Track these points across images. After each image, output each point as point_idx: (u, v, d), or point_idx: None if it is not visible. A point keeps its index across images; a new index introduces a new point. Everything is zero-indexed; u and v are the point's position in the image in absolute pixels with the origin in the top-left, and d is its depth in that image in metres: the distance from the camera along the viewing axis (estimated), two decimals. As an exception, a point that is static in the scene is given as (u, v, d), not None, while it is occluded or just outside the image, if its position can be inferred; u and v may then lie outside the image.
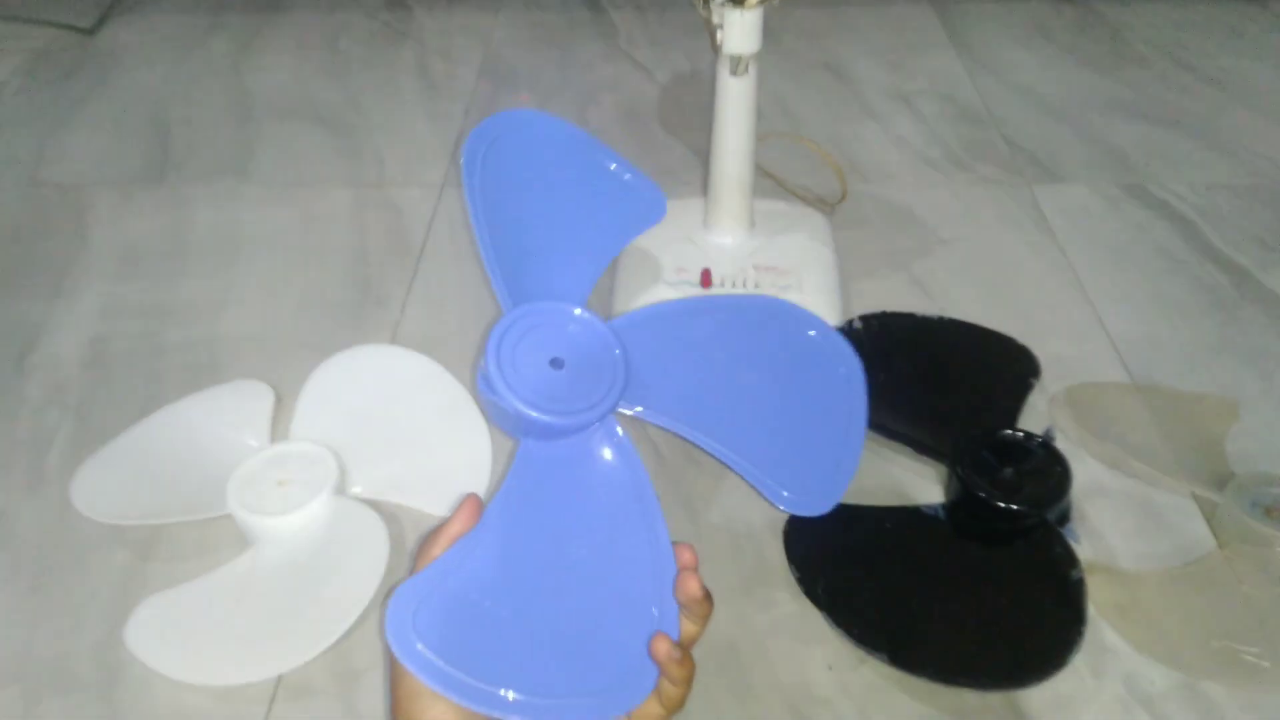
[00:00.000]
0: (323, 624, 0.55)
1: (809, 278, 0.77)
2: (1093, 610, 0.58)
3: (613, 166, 0.56)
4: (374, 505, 0.63)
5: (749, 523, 0.64)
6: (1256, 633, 0.56)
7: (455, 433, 0.68)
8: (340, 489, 0.63)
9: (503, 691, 0.40)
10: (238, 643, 0.56)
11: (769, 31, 0.69)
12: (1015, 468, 0.62)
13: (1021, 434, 0.63)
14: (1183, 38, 1.18)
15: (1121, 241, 0.87)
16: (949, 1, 1.26)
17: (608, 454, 0.48)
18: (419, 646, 0.40)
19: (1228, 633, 0.56)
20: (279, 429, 0.68)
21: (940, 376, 0.72)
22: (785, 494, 0.52)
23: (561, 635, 0.43)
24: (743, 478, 0.51)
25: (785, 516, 0.62)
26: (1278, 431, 0.69)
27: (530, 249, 0.51)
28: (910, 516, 0.63)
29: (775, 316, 0.56)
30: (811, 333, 0.56)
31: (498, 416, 0.48)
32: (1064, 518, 0.62)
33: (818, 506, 0.52)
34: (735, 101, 0.73)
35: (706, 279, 0.76)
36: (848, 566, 0.60)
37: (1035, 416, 0.70)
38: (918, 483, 0.66)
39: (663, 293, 0.76)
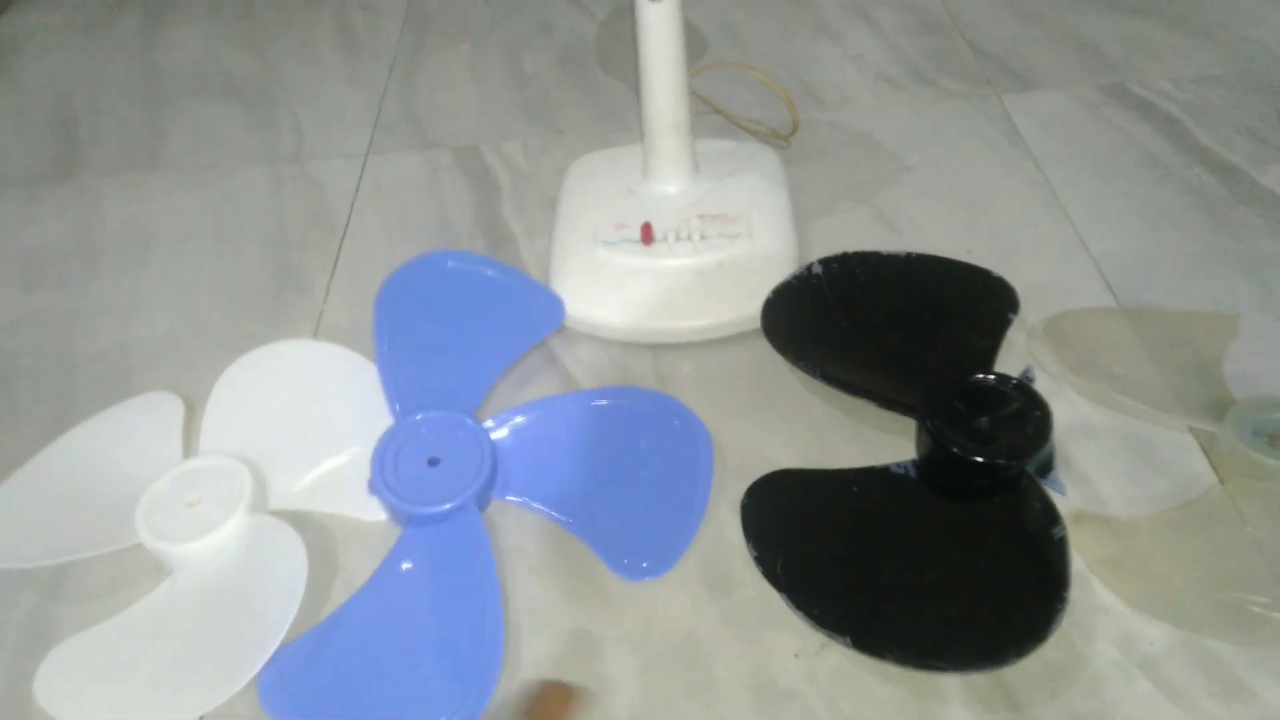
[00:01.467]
0: (241, 656, 0.51)
1: (760, 222, 0.71)
2: (1083, 567, 0.53)
3: (514, 284, 0.70)
4: (302, 517, 0.58)
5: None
6: (1264, 579, 0.51)
7: (384, 428, 0.62)
8: (258, 503, 0.58)
9: None
10: (153, 685, 0.51)
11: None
12: (990, 415, 0.56)
13: (994, 378, 0.57)
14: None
15: (1102, 150, 0.80)
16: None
17: (467, 542, 0.55)
18: (287, 703, 0.49)
19: (1232, 581, 0.51)
20: (194, 442, 0.62)
21: (910, 320, 0.65)
22: (625, 561, 0.55)
23: (403, 689, 0.50)
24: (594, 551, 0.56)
25: (742, 492, 0.57)
26: (1280, 346, 0.63)
27: (432, 364, 0.63)
28: (878, 478, 0.57)
29: (638, 400, 0.63)
30: (675, 422, 0.61)
31: (387, 511, 0.58)
32: (1047, 467, 0.56)
33: (659, 570, 0.55)
34: (658, 33, 0.66)
35: (647, 234, 0.70)
36: (810, 539, 0.55)
37: (1015, 354, 0.64)
38: (890, 440, 0.61)
39: (601, 255, 0.70)
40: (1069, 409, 0.61)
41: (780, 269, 0.69)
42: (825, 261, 0.69)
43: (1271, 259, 0.69)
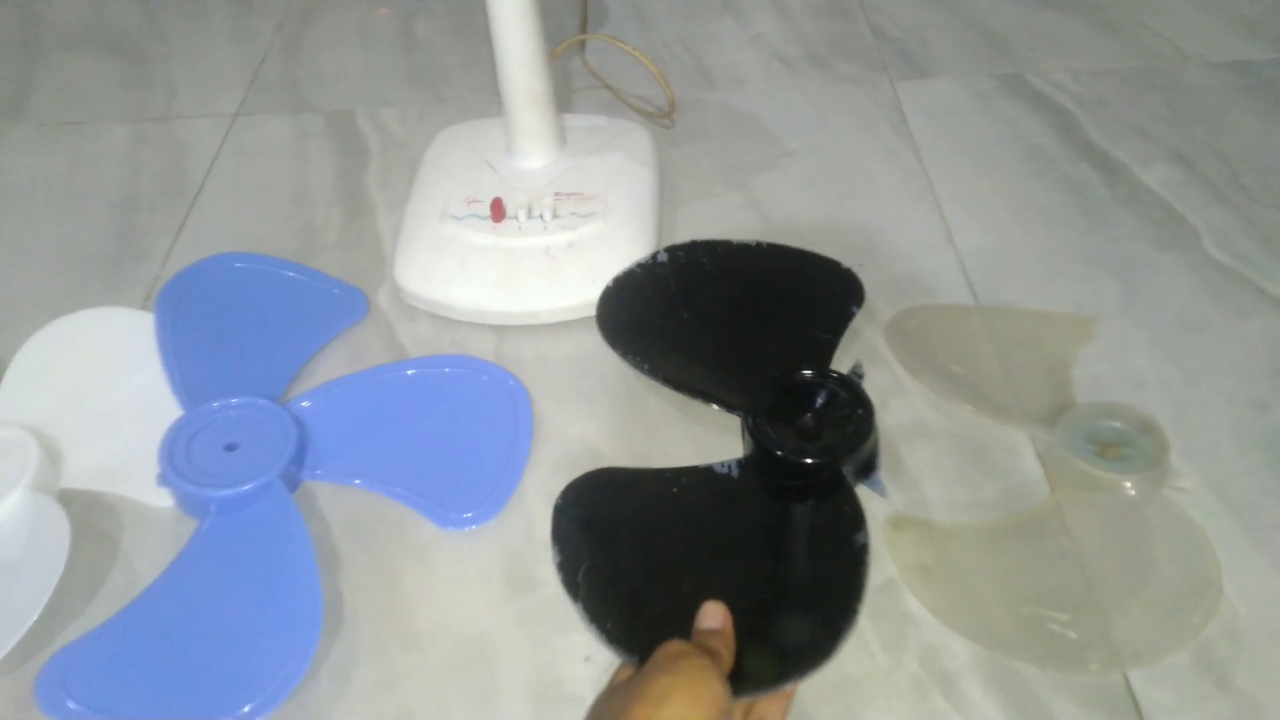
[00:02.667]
0: (-9, 642, 0.48)
1: (618, 203, 0.68)
2: (895, 573, 0.51)
3: (309, 280, 0.68)
4: (94, 497, 0.55)
5: (521, 492, 0.56)
6: (1075, 595, 0.49)
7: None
8: (46, 480, 0.55)
9: None
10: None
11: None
12: (814, 414, 0.54)
13: (819, 374, 0.55)
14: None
15: (987, 141, 0.77)
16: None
17: (276, 521, 0.53)
18: (70, 705, 0.46)
19: (1039, 597, 0.49)
20: None
21: (753, 312, 0.63)
22: (451, 515, 0.55)
23: (210, 678, 0.47)
24: (417, 511, 0.55)
25: (563, 485, 0.54)
26: (1136, 352, 0.61)
27: (225, 357, 0.61)
28: (701, 478, 0.55)
29: (452, 367, 0.63)
30: (486, 380, 0.62)
31: (179, 502, 0.55)
32: (869, 467, 0.54)
33: (483, 518, 0.55)
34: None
35: (498, 210, 0.67)
36: (621, 543, 0.52)
37: (862, 350, 0.62)
38: (724, 439, 0.58)
39: (448, 229, 0.66)
40: (907, 408, 0.58)
41: (633, 253, 0.66)
42: (672, 250, 0.66)
43: (1140, 261, 0.67)
